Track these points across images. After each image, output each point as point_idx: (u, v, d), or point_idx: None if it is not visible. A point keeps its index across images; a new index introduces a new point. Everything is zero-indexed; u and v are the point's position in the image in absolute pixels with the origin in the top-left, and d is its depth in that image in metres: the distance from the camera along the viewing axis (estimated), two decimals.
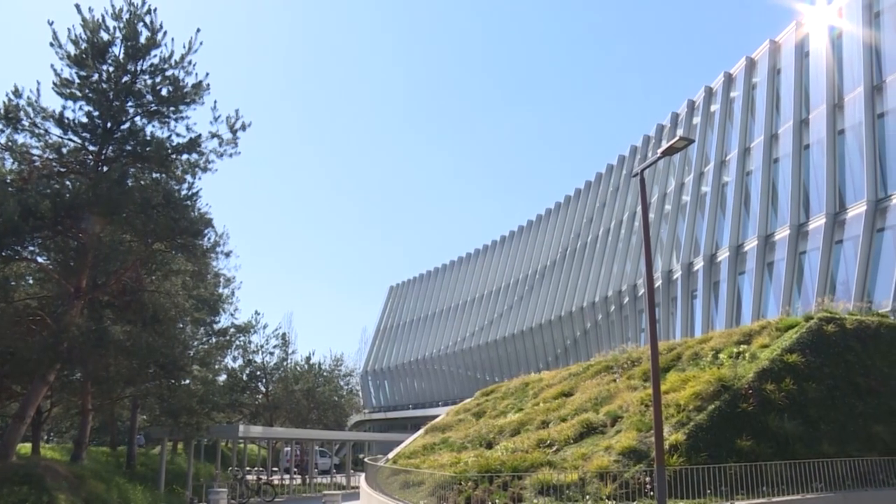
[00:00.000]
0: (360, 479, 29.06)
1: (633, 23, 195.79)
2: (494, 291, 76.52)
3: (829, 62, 35.93)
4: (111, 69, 24.42)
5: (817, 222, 34.19)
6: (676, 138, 15.95)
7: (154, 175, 25.63)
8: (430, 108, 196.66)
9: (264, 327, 53.14)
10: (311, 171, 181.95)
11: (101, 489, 25.59)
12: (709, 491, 15.68)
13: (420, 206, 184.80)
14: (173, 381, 30.63)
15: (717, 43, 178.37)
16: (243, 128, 25.43)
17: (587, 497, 15.51)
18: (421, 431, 31.27)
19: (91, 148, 24.74)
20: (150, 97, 24.87)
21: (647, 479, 15.57)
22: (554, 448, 19.06)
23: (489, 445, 21.94)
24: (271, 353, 54.81)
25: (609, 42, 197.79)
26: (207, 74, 25.36)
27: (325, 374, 62.79)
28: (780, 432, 18.31)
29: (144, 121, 25.19)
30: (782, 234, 36.34)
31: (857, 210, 32.00)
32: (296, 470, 52.28)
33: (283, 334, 56.95)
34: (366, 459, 33.47)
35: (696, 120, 47.38)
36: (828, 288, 32.28)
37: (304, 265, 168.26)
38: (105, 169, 24.22)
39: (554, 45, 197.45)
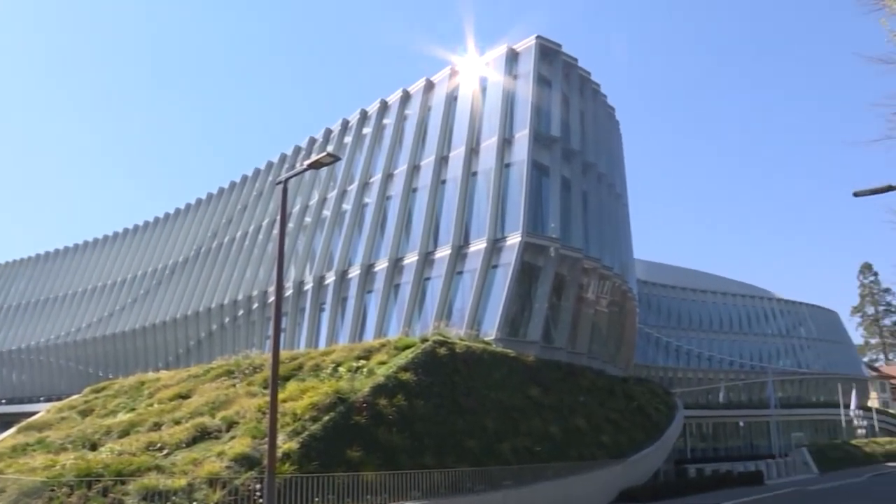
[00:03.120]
0: None
1: (303, 38, 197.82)
2: (119, 282, 71.38)
3: (474, 109, 39.10)
4: None
5: (443, 252, 36.75)
6: (324, 153, 16.52)
7: None
8: (80, 79, 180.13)
9: None
10: None
11: None
12: (317, 499, 15.98)
13: (50, 181, 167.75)
14: None
15: (382, 70, 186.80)
16: None
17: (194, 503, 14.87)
18: (12, 430, 28.41)
19: None
20: None
21: (258, 486, 15.47)
22: (165, 452, 18.19)
23: (93, 447, 20.33)
24: None
25: (278, 52, 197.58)
26: None
27: None
28: (388, 444, 19.22)
29: None
30: (411, 259, 38.48)
31: (478, 246, 34.96)
32: None
33: None
34: None
35: (348, 139, 48.65)
36: (445, 313, 34.74)
37: None
38: None
39: (225, 45, 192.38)
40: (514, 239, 33.42)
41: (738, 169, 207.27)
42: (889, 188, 18.18)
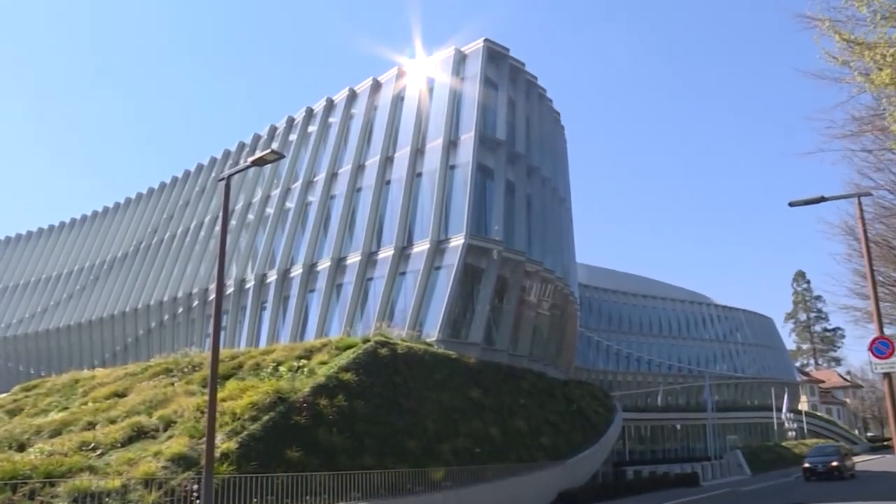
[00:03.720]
0: None
1: (250, 34, 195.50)
2: (53, 277, 69.28)
3: (421, 110, 39.08)
4: None
5: (386, 253, 36.65)
6: (268, 150, 16.51)
7: None
8: (12, 69, 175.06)
9: None
10: None
11: None
12: (255, 499, 15.83)
13: None
14: None
15: (329, 69, 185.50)
16: None
17: None
18: None
19: None
20: None
21: (195, 486, 15.27)
22: (98, 452, 17.79)
23: (21, 448, 19.72)
24: None
25: (223, 48, 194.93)
26: None
27: None
28: (328, 445, 19.13)
29: None
30: (354, 259, 38.28)
31: (421, 247, 34.97)
32: None
33: None
34: None
35: (293, 137, 48.17)
36: (387, 314, 34.64)
37: None
38: None
39: (168, 40, 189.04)
40: (457, 241, 33.49)
41: (680, 177, 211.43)
42: (821, 199, 18.80)
